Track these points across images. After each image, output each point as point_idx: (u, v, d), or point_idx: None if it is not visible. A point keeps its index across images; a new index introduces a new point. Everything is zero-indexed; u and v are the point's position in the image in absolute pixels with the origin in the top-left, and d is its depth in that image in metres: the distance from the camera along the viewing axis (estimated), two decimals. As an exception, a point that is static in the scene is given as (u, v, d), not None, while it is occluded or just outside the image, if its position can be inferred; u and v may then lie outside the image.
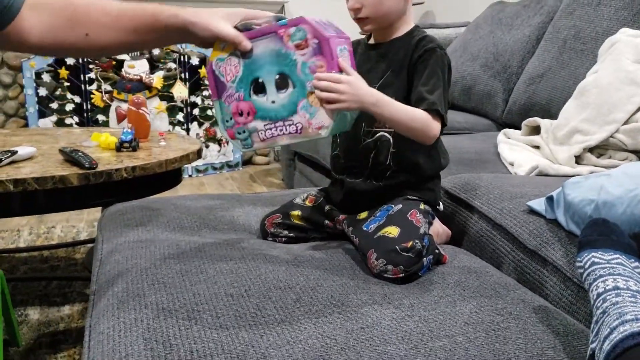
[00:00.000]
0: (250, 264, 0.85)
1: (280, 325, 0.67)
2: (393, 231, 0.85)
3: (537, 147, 1.52)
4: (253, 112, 0.81)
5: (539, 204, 0.97)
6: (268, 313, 0.70)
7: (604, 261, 0.66)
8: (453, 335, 0.67)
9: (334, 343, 0.64)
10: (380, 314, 0.71)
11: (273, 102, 0.80)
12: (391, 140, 0.92)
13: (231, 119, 0.82)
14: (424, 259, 0.84)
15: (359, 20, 0.94)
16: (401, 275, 0.81)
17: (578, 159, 1.35)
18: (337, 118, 0.80)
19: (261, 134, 0.81)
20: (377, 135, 0.93)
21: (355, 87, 0.80)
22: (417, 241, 0.83)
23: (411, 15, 0.97)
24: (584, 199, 0.84)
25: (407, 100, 0.90)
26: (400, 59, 0.93)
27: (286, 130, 0.80)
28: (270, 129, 0.81)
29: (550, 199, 0.94)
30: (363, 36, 1.02)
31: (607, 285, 0.63)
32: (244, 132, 0.81)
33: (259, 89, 0.81)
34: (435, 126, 0.88)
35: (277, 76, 0.80)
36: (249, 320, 0.68)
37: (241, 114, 0.81)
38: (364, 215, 0.93)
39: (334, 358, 0.61)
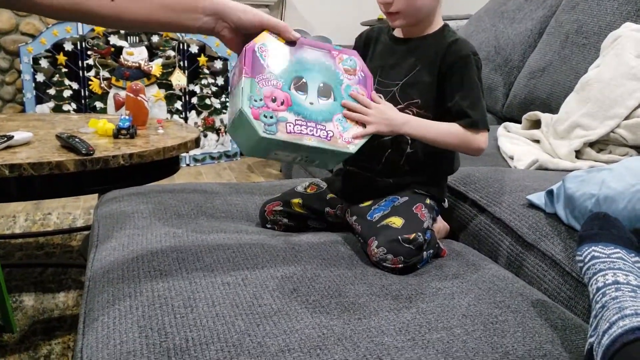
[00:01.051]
0: (247, 252, 0.84)
1: (277, 314, 0.67)
2: (397, 221, 0.85)
3: (537, 141, 1.51)
4: (287, 104, 0.79)
5: (538, 198, 0.96)
6: (265, 302, 0.69)
7: (604, 255, 0.66)
8: (451, 327, 0.66)
9: (330, 333, 0.64)
10: (378, 305, 0.71)
11: (311, 103, 0.81)
12: (409, 140, 0.91)
13: (261, 99, 0.78)
14: (424, 252, 0.83)
15: (389, 15, 0.90)
16: (400, 265, 0.80)
17: (578, 154, 1.34)
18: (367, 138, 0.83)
19: (289, 126, 0.79)
20: None
21: (383, 112, 0.84)
22: (419, 234, 0.82)
23: (440, 14, 0.94)
24: (585, 193, 0.83)
25: (434, 101, 0.89)
26: (430, 58, 0.90)
27: (316, 132, 0.80)
28: (301, 125, 0.80)
29: (550, 193, 0.93)
30: (377, 22, 1.00)
31: (607, 280, 0.63)
32: (272, 117, 0.78)
33: (300, 87, 0.81)
34: (478, 138, 0.88)
35: (322, 84, 0.82)
36: (245, 309, 0.68)
37: (274, 101, 0.79)
38: (367, 203, 0.93)
39: (331, 348, 0.61)
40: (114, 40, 2.95)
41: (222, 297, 0.70)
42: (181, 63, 3.07)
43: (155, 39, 3.02)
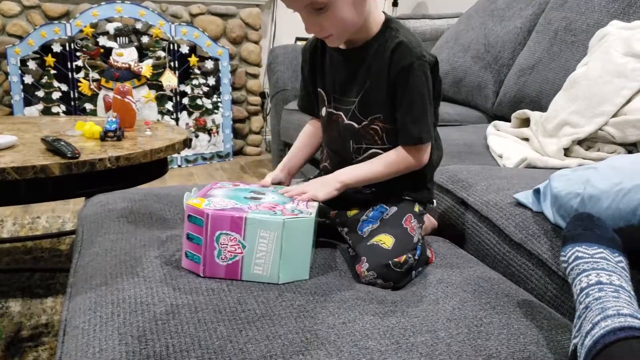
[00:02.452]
0: (232, 256, 0.83)
1: (260, 320, 0.66)
2: (387, 241, 0.82)
3: (527, 140, 1.51)
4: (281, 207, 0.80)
5: (525, 197, 0.96)
6: (248, 308, 0.69)
7: (587, 256, 0.65)
8: (435, 330, 0.66)
9: (314, 338, 0.63)
10: (363, 309, 0.70)
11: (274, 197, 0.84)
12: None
13: (282, 212, 0.77)
14: (414, 272, 0.82)
15: (324, 37, 0.85)
16: (389, 289, 0.79)
17: (567, 152, 1.34)
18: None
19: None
20: (369, 152, 0.89)
21: (310, 183, 0.88)
22: (410, 255, 0.80)
23: (377, 8, 0.87)
24: (570, 192, 0.83)
25: (393, 114, 0.86)
26: (378, 71, 0.85)
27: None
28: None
29: (536, 192, 0.93)
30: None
31: (590, 280, 0.62)
32: (294, 210, 0.78)
33: (257, 198, 0.82)
34: (419, 155, 0.87)
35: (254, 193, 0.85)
36: (229, 314, 0.67)
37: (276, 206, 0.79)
38: (354, 212, 0.90)
39: (314, 353, 0.60)
40: (103, 41, 2.93)
41: (206, 302, 0.69)
42: (172, 64, 3.06)
43: (145, 39, 3.00)
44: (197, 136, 3.18)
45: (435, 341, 0.64)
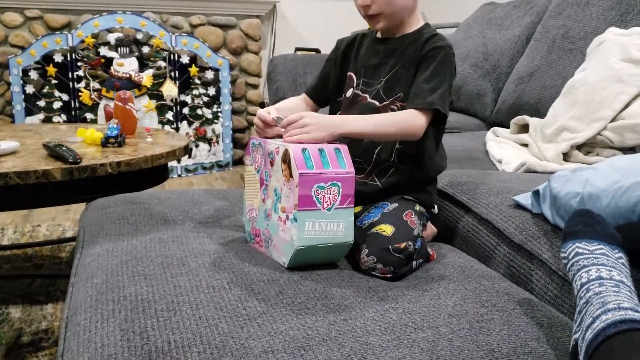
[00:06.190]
0: (233, 258, 0.83)
1: (261, 316, 0.66)
2: (387, 229, 0.84)
3: (526, 145, 1.52)
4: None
5: (525, 199, 0.97)
6: (249, 305, 0.69)
7: (587, 251, 0.66)
8: (437, 326, 0.66)
9: (315, 334, 0.63)
10: (364, 306, 0.70)
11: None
12: None
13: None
14: (414, 262, 0.83)
15: (370, 18, 0.93)
16: (389, 275, 0.80)
17: (566, 157, 1.35)
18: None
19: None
20: None
21: (317, 117, 0.83)
22: (410, 243, 0.82)
23: (420, 13, 0.97)
24: (570, 192, 0.84)
25: None
26: (411, 54, 0.92)
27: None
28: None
29: (536, 194, 0.93)
30: (367, 27, 1.01)
31: (591, 275, 0.62)
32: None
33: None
34: (418, 121, 0.87)
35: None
36: (230, 312, 0.67)
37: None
38: (357, 209, 0.91)
39: (315, 349, 0.60)
40: (104, 51, 2.95)
41: (207, 300, 0.69)
42: (172, 74, 3.08)
43: (145, 49, 3.03)
44: (197, 146, 3.19)
45: (437, 337, 0.64)
